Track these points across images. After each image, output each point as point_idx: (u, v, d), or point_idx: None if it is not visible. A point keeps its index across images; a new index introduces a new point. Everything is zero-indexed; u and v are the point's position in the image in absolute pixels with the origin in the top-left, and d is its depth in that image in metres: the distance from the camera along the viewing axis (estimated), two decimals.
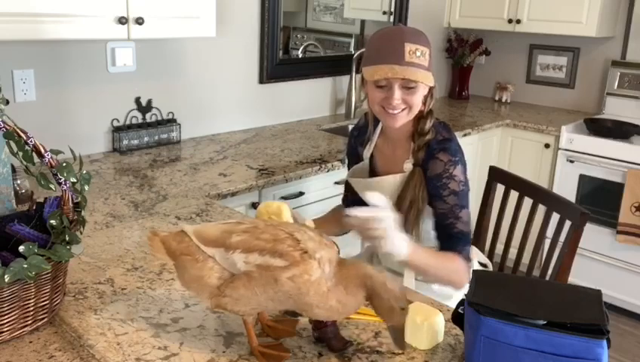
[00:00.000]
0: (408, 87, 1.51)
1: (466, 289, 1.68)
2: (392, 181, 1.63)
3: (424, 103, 1.59)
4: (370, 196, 1.37)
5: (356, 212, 1.36)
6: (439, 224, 1.59)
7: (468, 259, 1.57)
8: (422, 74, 1.49)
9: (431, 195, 1.58)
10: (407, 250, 1.42)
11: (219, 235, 1.08)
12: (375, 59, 1.52)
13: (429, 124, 1.59)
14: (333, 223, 1.80)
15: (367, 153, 1.76)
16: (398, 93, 1.51)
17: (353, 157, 1.83)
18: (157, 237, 1.13)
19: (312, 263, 1.00)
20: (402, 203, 1.60)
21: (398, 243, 1.40)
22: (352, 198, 1.87)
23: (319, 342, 1.14)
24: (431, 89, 1.58)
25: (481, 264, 1.84)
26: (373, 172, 1.74)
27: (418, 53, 1.48)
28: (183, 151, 2.50)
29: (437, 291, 1.64)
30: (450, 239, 1.58)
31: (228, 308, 1.07)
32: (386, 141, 1.71)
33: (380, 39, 1.56)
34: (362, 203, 1.82)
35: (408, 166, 1.61)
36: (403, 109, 1.55)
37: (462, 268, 1.55)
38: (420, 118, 1.60)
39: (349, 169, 1.85)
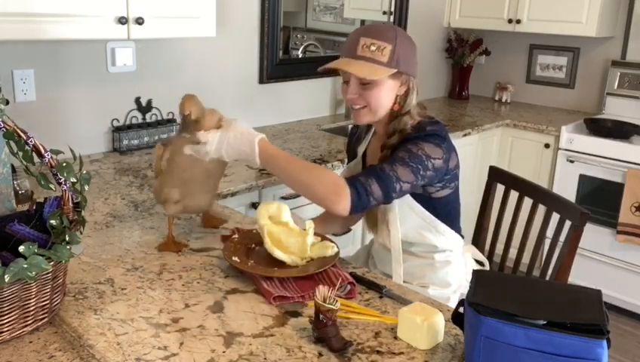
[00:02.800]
0: (363, 82, 1.51)
1: (463, 288, 1.70)
2: None
3: (399, 103, 1.56)
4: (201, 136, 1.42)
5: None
6: None
7: (356, 183, 1.41)
8: (369, 68, 1.47)
9: None
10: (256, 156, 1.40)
11: None
12: (340, 54, 1.55)
13: (396, 126, 1.55)
14: (332, 222, 1.80)
15: (360, 150, 1.77)
16: (353, 88, 1.53)
17: (350, 155, 1.83)
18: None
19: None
20: None
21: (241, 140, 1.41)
22: None
23: (319, 342, 1.14)
24: (407, 89, 1.56)
25: (477, 262, 1.84)
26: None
27: (373, 48, 1.48)
28: None
29: (433, 295, 1.63)
30: (364, 170, 1.49)
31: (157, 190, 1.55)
32: (377, 139, 1.70)
33: (349, 36, 1.58)
34: None
35: None
36: (363, 107, 1.54)
37: (335, 183, 1.40)
38: (395, 117, 1.57)
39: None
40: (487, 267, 1.86)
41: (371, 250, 1.89)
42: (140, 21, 1.98)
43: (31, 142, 1.11)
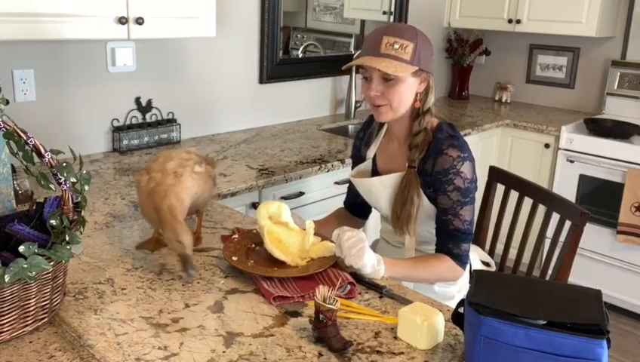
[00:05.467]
0: (387, 79, 1.53)
1: (466, 288, 1.69)
2: (392, 180, 1.63)
3: (420, 101, 1.59)
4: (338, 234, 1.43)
5: (339, 233, 1.43)
6: (439, 218, 1.60)
7: (461, 256, 1.59)
8: (394, 65, 1.49)
9: (435, 190, 1.58)
10: (382, 271, 1.43)
11: None
12: (361, 53, 1.58)
13: (421, 124, 1.59)
14: (335, 226, 1.80)
15: (370, 153, 1.76)
16: (376, 85, 1.54)
17: (357, 159, 1.83)
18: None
19: (145, 176, 1.45)
20: (396, 204, 1.61)
21: (371, 264, 1.40)
22: (353, 201, 1.87)
23: (319, 342, 1.14)
24: (427, 87, 1.58)
25: (483, 263, 1.84)
26: (375, 171, 1.74)
27: (396, 46, 1.50)
28: None
29: (439, 292, 1.64)
30: (445, 236, 1.59)
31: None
32: (390, 139, 1.71)
33: (368, 35, 1.60)
34: (363, 207, 1.83)
35: None
36: (384, 104, 1.56)
37: (450, 268, 1.58)
38: (417, 116, 1.60)
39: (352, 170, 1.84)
40: (493, 267, 1.86)
41: (375, 250, 1.89)
42: (139, 21, 1.98)
43: (31, 142, 1.11)
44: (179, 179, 1.42)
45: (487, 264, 1.85)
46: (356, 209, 1.87)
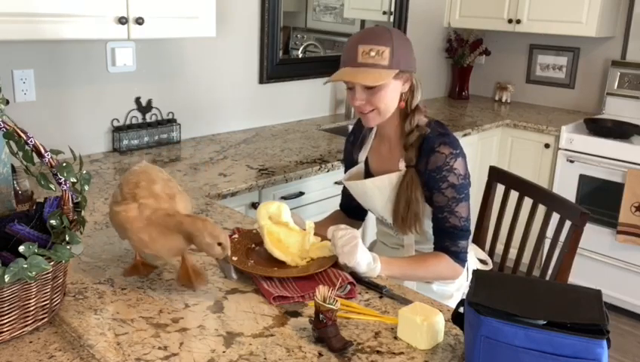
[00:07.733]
0: (370, 87, 1.52)
1: (465, 287, 1.70)
2: (388, 181, 1.63)
3: (405, 101, 1.59)
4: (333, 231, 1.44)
5: (332, 231, 1.44)
6: (435, 217, 1.60)
7: (459, 254, 1.58)
8: (373, 74, 1.49)
9: (429, 188, 1.58)
10: (378, 269, 1.43)
11: None
12: (340, 64, 1.56)
13: (412, 123, 1.59)
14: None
15: (362, 156, 1.76)
16: (360, 94, 1.54)
17: (349, 163, 1.83)
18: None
19: (132, 205, 1.26)
20: (398, 204, 1.61)
21: (366, 262, 1.40)
22: (348, 204, 1.87)
23: (319, 342, 1.14)
24: (411, 86, 1.59)
25: (480, 261, 1.84)
26: (368, 173, 1.74)
27: (372, 54, 1.49)
28: (182, 151, 2.50)
29: (437, 291, 1.64)
30: (442, 234, 1.59)
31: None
32: (381, 141, 1.71)
33: (345, 44, 1.59)
34: (358, 209, 1.83)
35: (403, 165, 1.61)
36: (371, 110, 1.56)
37: (449, 266, 1.58)
38: (406, 116, 1.60)
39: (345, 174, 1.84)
40: (490, 265, 1.86)
41: (373, 250, 1.89)
42: (139, 21, 1.98)
43: (31, 142, 1.11)
44: (174, 200, 1.31)
45: (484, 262, 1.85)
46: (352, 211, 1.87)
